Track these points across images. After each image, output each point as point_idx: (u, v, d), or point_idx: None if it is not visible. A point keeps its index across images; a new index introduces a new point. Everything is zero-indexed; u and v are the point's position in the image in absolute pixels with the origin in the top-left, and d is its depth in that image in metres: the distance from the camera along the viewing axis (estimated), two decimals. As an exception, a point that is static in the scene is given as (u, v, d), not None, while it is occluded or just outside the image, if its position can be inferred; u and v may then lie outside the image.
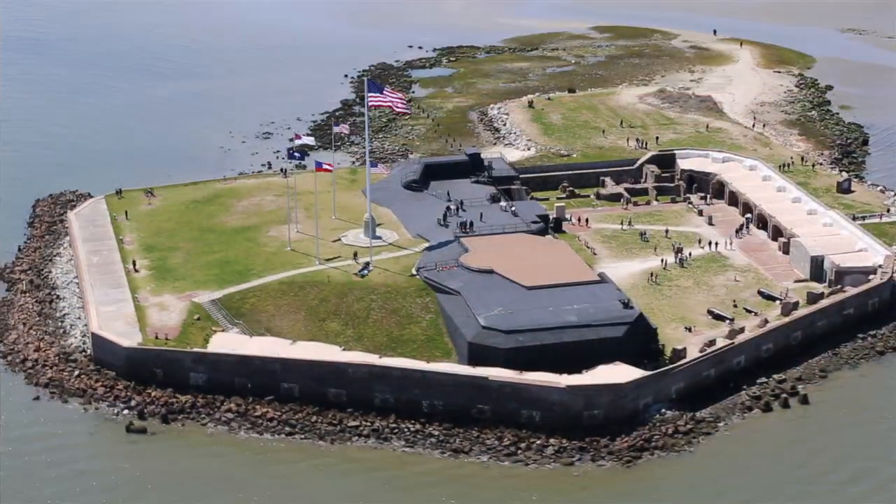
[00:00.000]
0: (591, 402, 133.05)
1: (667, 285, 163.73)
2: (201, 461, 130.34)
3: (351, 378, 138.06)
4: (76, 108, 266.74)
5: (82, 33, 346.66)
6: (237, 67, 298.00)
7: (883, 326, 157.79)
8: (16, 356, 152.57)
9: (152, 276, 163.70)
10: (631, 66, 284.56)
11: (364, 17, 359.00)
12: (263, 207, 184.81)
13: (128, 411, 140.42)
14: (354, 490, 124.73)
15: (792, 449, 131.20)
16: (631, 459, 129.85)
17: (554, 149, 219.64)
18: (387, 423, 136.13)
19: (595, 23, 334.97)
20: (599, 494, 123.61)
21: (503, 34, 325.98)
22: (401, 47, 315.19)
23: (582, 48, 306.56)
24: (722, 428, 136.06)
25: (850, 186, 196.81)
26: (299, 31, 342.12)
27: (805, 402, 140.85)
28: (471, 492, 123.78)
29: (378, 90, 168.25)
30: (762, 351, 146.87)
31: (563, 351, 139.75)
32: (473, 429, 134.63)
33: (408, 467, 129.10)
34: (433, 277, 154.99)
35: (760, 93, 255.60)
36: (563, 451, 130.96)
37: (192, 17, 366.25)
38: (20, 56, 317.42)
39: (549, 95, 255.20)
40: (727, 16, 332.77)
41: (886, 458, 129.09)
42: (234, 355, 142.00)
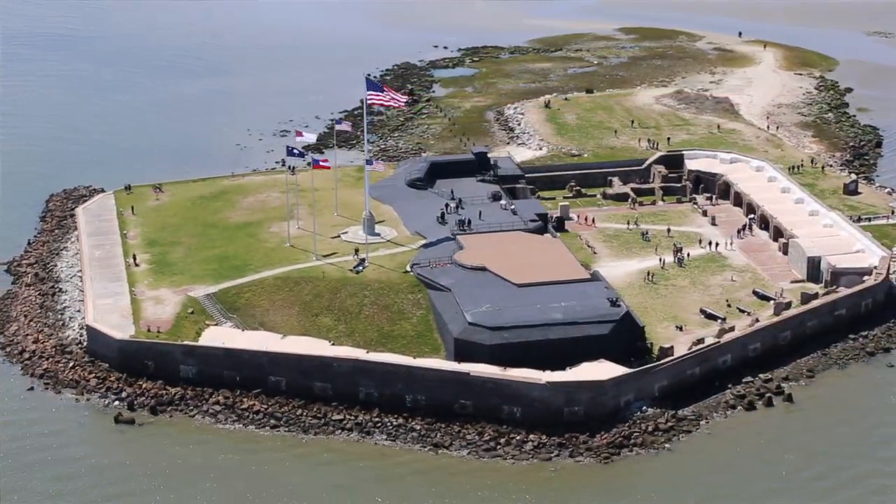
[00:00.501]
0: (572, 398, 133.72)
1: (663, 284, 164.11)
2: (185, 451, 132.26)
3: (336, 372, 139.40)
4: (101, 104, 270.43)
5: (113, 31, 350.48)
6: (262, 66, 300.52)
7: (876, 327, 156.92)
8: (14, 347, 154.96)
9: (151, 270, 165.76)
10: (652, 67, 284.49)
11: (394, 17, 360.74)
12: (268, 204, 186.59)
13: (118, 402, 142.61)
14: (332, 481, 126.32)
15: (771, 447, 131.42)
16: (609, 456, 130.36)
17: (565, 149, 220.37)
18: (370, 416, 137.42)
19: (621, 24, 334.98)
20: (574, 490, 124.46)
21: (529, 35, 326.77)
22: (426, 47, 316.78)
23: (605, 49, 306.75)
24: (703, 426, 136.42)
25: (856, 188, 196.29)
26: (328, 31, 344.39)
27: (789, 401, 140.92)
28: (444, 485, 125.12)
29: (377, 89, 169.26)
30: (749, 350, 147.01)
31: (549, 348, 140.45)
32: (455, 424, 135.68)
33: (386, 460, 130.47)
34: (426, 274, 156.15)
35: (778, 94, 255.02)
36: (541, 447, 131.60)
37: (226, 15, 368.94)
38: (50, 53, 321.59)
39: (567, 96, 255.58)
40: (755, 18, 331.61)
41: (864, 456, 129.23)
42: (222, 349, 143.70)
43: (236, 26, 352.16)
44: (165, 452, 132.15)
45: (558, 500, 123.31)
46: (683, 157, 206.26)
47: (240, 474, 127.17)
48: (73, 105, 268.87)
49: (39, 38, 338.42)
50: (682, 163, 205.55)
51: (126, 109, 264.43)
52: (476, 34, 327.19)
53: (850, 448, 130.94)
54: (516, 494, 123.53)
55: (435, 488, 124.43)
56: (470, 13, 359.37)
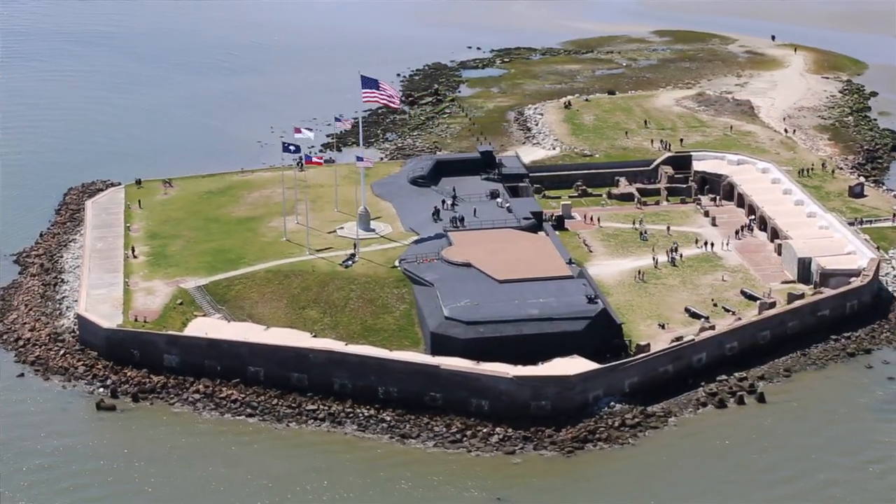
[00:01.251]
0: (539, 392, 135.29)
1: (653, 283, 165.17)
2: (159, 438, 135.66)
3: (312, 363, 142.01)
4: (136, 99, 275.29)
5: (157, 29, 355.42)
6: (296, 64, 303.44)
7: (860, 329, 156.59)
8: (11, 335, 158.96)
9: (148, 262, 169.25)
10: (680, 69, 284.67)
11: (433, 18, 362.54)
12: (272, 199, 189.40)
13: (103, 389, 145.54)
14: (294, 469, 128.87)
15: (734, 445, 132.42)
16: (572, 450, 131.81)
17: (578, 149, 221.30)
18: (343, 407, 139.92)
19: (656, 27, 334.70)
20: (531, 482, 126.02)
21: (563, 36, 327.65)
22: (461, 48, 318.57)
23: (636, 51, 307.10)
24: (672, 423, 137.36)
25: (862, 191, 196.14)
26: (365, 30, 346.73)
27: (761, 401, 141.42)
28: (403, 475, 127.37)
29: (373, 86, 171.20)
30: (726, 349, 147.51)
31: (523, 343, 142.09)
32: (425, 416, 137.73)
33: (352, 450, 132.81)
34: (411, 269, 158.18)
35: (802, 97, 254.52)
36: (507, 440, 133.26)
37: (272, 14, 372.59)
38: (93, 50, 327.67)
39: (587, 97, 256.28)
40: (790, 22, 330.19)
41: (823, 457, 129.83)
42: (204, 339, 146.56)
43: (281, 25, 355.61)
44: (141, 438, 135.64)
45: (515, 491, 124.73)
46: (691, 158, 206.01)
47: (207, 460, 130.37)
48: (106, 100, 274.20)
49: (84, 35, 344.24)
50: (689, 164, 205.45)
51: (159, 105, 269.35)
52: (511, 35, 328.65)
53: (811, 448, 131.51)
54: (473, 485, 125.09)
55: (392, 477, 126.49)
56: (510, 15, 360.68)
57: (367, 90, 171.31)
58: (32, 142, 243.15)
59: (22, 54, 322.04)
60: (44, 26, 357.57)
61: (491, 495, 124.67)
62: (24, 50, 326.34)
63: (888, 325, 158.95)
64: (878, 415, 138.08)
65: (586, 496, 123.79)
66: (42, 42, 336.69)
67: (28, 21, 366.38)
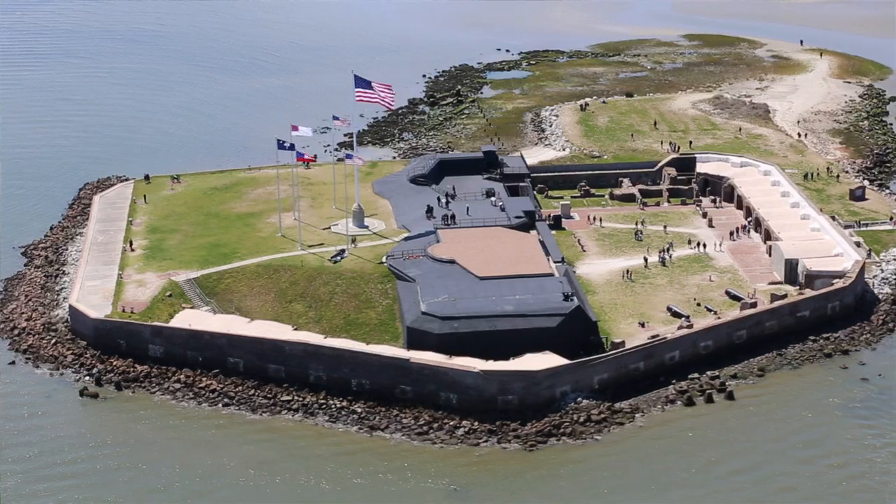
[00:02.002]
0: (506, 387, 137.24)
1: (640, 282, 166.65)
2: (136, 425, 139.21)
3: (288, 355, 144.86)
4: (170, 97, 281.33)
5: (201, 28, 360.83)
6: (329, 63, 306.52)
7: (840, 330, 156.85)
8: (7, 324, 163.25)
9: (144, 255, 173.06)
10: (704, 73, 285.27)
11: (467, 20, 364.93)
12: (274, 196, 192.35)
13: (88, 378, 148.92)
14: (259, 457, 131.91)
15: (696, 442, 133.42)
16: (535, 444, 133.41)
17: (587, 150, 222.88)
18: (316, 398, 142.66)
19: (687, 31, 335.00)
20: (489, 473, 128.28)
21: (594, 39, 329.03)
22: (490, 50, 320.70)
23: (663, 55, 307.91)
24: (638, 419, 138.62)
25: (863, 194, 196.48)
26: (399, 31, 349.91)
27: (730, 399, 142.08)
28: (364, 464, 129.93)
29: (366, 86, 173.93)
30: (700, 347, 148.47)
31: (497, 338, 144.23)
32: (395, 408, 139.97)
33: (320, 440, 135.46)
34: (396, 265, 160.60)
35: (820, 102, 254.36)
36: (472, 433, 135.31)
37: (309, 16, 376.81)
38: (136, 48, 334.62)
39: (605, 99, 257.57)
40: (822, 27, 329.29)
41: (781, 455, 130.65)
42: (187, 330, 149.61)
43: (322, 26, 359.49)
44: (118, 425, 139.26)
45: (472, 482, 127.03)
46: (695, 160, 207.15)
47: (178, 447, 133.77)
48: (141, 97, 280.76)
49: (129, 33, 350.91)
50: (693, 166, 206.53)
51: (192, 102, 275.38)
52: (542, 38, 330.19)
53: (771, 445, 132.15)
54: (433, 476, 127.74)
55: (352, 468, 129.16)
56: (545, 19, 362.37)
57: (360, 89, 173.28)
58: (62, 135, 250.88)
59: (67, 51, 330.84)
60: (91, 25, 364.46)
61: (448, 486, 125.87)
62: (70, 47, 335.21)
63: (869, 326, 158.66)
64: (846, 414, 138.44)
65: (541, 489, 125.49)
66: (88, 40, 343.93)
67: (77, 20, 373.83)
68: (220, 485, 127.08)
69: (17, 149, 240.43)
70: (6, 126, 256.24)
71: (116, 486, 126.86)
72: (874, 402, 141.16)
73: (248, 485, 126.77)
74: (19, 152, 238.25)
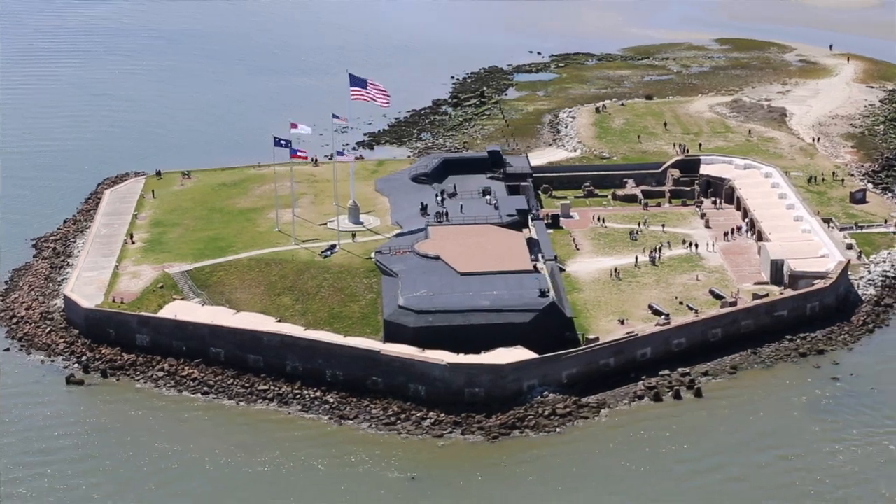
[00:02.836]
0: (472, 380, 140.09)
1: (627, 281, 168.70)
2: (117, 411, 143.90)
3: (266, 346, 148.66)
4: (202, 94, 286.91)
5: (242, 29, 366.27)
6: (361, 64, 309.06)
7: (818, 330, 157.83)
8: (8, 312, 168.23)
9: (143, 248, 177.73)
10: (729, 76, 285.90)
11: (503, 23, 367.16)
12: (278, 192, 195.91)
13: (77, 365, 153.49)
14: (231, 442, 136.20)
15: (658, 437, 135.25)
16: (498, 435, 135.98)
17: (597, 151, 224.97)
18: (292, 388, 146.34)
19: (719, 35, 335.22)
20: (448, 463, 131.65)
21: (626, 43, 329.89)
22: (522, 52, 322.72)
23: (691, 58, 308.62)
24: (603, 414, 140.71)
25: (864, 197, 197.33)
26: (434, 33, 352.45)
27: (698, 396, 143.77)
28: (328, 454, 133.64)
29: (361, 85, 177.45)
30: (673, 345, 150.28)
31: (471, 333, 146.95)
32: (366, 399, 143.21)
33: (290, 427, 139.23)
34: (383, 261, 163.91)
35: (839, 106, 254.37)
36: (437, 424, 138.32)
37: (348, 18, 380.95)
38: (175, 46, 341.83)
39: (623, 101, 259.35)
40: (855, 33, 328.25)
41: (737, 454, 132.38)
42: (172, 320, 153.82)
43: (357, 27, 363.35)
44: (99, 411, 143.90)
45: (432, 471, 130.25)
46: (700, 161, 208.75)
47: (152, 432, 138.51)
48: (174, 94, 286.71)
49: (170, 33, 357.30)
50: (697, 167, 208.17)
51: (222, 100, 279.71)
52: (574, 40, 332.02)
53: (732, 441, 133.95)
54: (395, 465, 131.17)
55: (317, 456, 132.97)
56: (579, 22, 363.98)
57: (355, 88, 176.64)
58: (91, 130, 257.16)
59: (110, 49, 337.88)
60: (136, 24, 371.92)
61: (407, 475, 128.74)
62: (112, 45, 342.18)
63: (848, 327, 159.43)
64: (810, 412, 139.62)
65: (497, 479, 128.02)
66: (130, 38, 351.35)
67: (124, 19, 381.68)
68: (185, 470, 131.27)
69: (45, 142, 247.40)
70: (38, 120, 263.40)
71: (88, 469, 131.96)
72: (840, 400, 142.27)
73: (213, 470, 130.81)
74: (47, 145, 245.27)
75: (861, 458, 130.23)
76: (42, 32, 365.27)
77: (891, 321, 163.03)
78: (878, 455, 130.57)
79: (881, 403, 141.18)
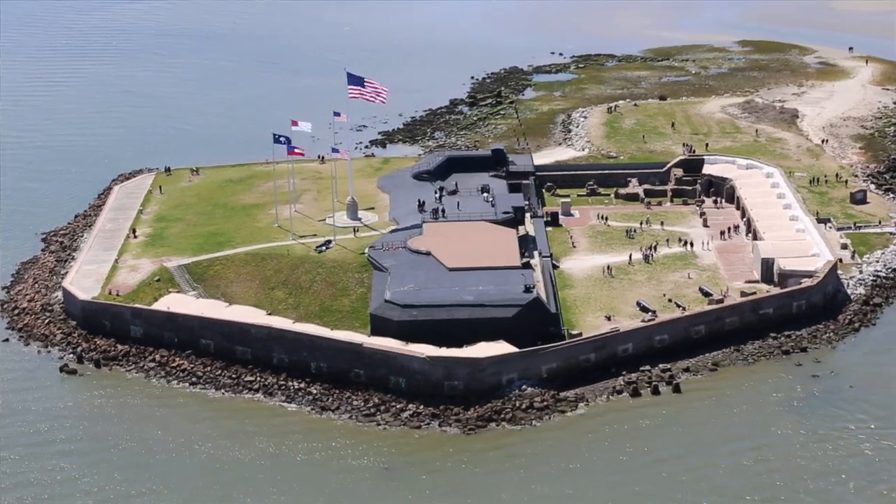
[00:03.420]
0: (451, 373, 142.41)
1: (619, 278, 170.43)
2: (107, 399, 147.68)
3: (254, 338, 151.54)
4: (228, 93, 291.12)
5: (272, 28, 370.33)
6: (386, 64, 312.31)
7: (804, 328, 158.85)
8: (11, 304, 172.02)
9: (144, 242, 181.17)
10: (746, 78, 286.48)
11: (531, 24, 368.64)
12: (283, 188, 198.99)
13: (72, 355, 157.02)
14: (212, 432, 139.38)
15: (632, 431, 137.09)
16: (474, 428, 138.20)
17: (604, 150, 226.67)
18: (277, 380, 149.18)
19: (743, 37, 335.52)
20: (423, 454, 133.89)
21: (649, 44, 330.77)
22: (544, 53, 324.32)
23: (711, 60, 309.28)
24: (581, 408, 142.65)
25: (864, 198, 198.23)
26: (460, 34, 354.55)
27: (677, 391, 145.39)
28: (305, 443, 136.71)
29: (358, 83, 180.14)
30: (655, 341, 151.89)
31: (454, 327, 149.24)
32: (348, 390, 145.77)
33: (271, 419, 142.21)
34: (375, 256, 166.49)
35: (852, 108, 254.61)
36: (416, 416, 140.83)
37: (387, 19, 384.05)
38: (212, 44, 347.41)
39: (636, 102, 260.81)
40: (881, 36, 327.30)
41: (708, 449, 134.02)
42: (164, 312, 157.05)
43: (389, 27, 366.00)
44: (91, 400, 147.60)
45: (405, 462, 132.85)
46: (703, 161, 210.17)
47: (136, 421, 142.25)
48: (203, 92, 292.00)
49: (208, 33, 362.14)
50: (701, 167, 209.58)
51: (249, 99, 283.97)
52: (598, 41, 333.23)
53: (703, 435, 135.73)
54: (370, 455, 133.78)
55: (294, 445, 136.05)
56: (605, 23, 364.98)
57: (352, 86, 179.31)
58: (114, 126, 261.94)
59: (144, 48, 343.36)
60: (173, 24, 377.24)
61: (381, 465, 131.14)
62: (147, 44, 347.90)
63: (834, 326, 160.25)
64: (785, 408, 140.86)
65: (466, 469, 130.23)
66: (165, 38, 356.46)
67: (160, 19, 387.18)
68: (166, 457, 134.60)
69: (66, 137, 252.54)
70: (62, 116, 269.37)
71: (71, 453, 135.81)
72: (816, 398, 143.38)
73: (192, 458, 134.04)
74: (68, 141, 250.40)
75: (830, 454, 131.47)
76: (78, 31, 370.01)
77: (878, 320, 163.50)
78: (847, 451, 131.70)
79: (857, 401, 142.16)
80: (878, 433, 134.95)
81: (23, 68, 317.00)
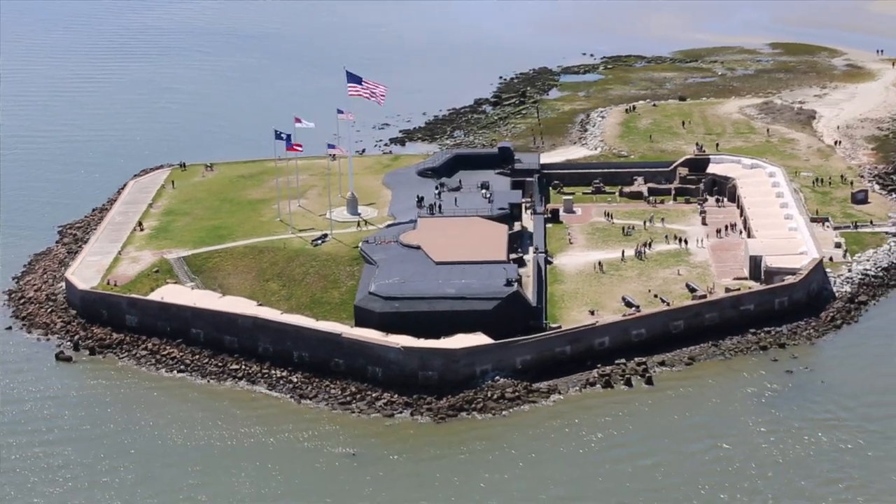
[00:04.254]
0: (425, 363, 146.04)
1: (610, 274, 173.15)
2: (98, 385, 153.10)
3: (240, 327, 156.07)
4: (260, 92, 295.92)
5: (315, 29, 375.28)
6: (417, 64, 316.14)
7: (785, 325, 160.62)
8: (18, 293, 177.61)
9: (149, 235, 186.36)
10: (771, 79, 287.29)
11: (564, 24, 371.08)
12: (290, 184, 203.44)
13: (69, 343, 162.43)
14: (192, 416, 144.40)
15: (599, 422, 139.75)
16: (445, 416, 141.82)
17: (616, 149, 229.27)
18: (261, 368, 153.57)
19: (775, 39, 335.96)
20: (392, 441, 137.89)
21: (680, 46, 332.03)
22: (575, 54, 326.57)
23: (739, 61, 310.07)
24: (552, 399, 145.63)
25: (865, 198, 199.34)
26: (492, 34, 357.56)
27: (649, 384, 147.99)
28: (281, 429, 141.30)
29: (357, 81, 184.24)
30: (632, 335, 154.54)
31: (435, 319, 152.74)
32: (328, 379, 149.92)
33: (251, 405, 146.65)
34: (367, 250, 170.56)
35: (871, 109, 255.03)
36: (390, 405, 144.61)
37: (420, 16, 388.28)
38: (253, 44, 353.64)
39: (655, 102, 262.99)
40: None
41: (674, 436, 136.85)
42: (157, 302, 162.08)
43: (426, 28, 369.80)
44: (83, 385, 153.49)
45: (373, 448, 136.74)
46: (709, 161, 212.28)
47: (127, 406, 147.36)
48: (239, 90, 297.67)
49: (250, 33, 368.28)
50: (706, 166, 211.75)
51: (281, 96, 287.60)
52: (629, 42, 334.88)
53: (665, 427, 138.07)
54: (341, 441, 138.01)
55: (270, 430, 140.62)
56: (639, 25, 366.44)
57: (352, 84, 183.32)
58: (153, 121, 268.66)
59: (194, 47, 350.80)
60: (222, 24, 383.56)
61: (350, 450, 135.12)
62: (197, 43, 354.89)
63: (815, 323, 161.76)
64: (755, 402, 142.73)
65: (431, 456, 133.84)
66: (214, 37, 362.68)
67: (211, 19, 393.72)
68: (148, 440, 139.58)
69: (102, 132, 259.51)
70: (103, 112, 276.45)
71: (62, 440, 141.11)
72: (785, 393, 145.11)
73: (167, 444, 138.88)
74: (102, 136, 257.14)
75: (796, 447, 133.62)
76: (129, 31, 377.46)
77: (861, 317, 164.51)
78: (809, 445, 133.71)
79: (825, 396, 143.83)
80: (845, 426, 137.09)
81: (68, 65, 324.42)
